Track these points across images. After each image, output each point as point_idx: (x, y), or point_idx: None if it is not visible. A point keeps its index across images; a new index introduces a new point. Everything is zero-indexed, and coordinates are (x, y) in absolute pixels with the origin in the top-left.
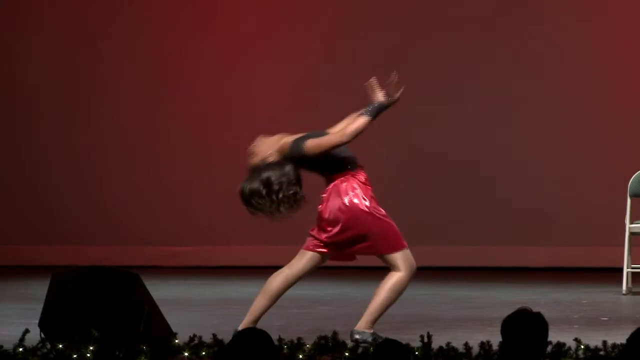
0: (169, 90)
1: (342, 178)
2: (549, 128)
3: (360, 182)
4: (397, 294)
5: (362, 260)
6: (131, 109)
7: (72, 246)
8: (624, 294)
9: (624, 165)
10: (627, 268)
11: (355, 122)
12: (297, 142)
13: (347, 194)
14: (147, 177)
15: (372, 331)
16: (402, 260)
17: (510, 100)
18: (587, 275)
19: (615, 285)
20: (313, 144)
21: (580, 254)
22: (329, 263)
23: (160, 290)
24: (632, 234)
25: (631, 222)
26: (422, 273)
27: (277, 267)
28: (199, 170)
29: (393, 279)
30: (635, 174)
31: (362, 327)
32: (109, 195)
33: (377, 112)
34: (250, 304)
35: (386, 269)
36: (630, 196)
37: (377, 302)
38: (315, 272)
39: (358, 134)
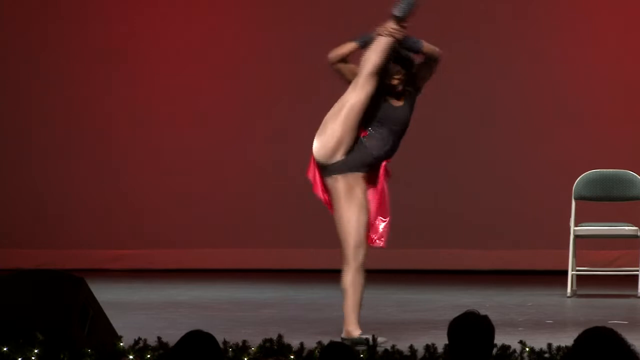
0: (114, 91)
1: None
2: (493, 131)
3: None
4: None
5: (305, 263)
6: (70, 110)
7: (17, 250)
8: (568, 297)
9: (569, 167)
10: (572, 271)
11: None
12: None
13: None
14: (91, 180)
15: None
16: None
17: (452, 103)
18: (531, 278)
19: (560, 288)
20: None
21: (525, 257)
22: (273, 266)
23: (105, 294)
24: (576, 236)
25: (576, 225)
26: (366, 276)
27: (221, 271)
28: (145, 173)
29: None
30: (580, 177)
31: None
32: (53, 198)
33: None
34: (195, 306)
35: (333, 272)
36: (575, 199)
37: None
38: (259, 275)
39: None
